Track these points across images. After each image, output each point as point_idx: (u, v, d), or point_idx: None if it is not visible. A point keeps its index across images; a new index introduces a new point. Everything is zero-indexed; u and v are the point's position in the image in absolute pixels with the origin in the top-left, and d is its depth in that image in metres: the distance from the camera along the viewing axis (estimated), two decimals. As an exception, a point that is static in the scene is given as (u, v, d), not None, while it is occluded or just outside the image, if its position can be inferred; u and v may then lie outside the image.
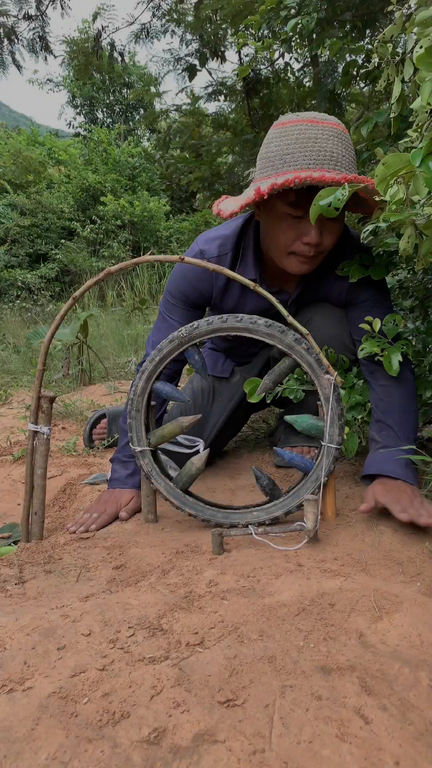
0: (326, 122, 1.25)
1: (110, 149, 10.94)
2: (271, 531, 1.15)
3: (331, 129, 1.24)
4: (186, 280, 1.51)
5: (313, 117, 1.27)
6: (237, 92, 5.71)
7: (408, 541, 1.08)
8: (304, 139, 1.23)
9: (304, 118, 1.27)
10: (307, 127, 1.24)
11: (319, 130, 1.23)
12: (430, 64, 0.96)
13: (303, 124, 1.25)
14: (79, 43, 6.21)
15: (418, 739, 0.59)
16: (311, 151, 1.22)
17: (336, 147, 1.23)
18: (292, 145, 1.24)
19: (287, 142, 1.25)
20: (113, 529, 1.29)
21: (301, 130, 1.24)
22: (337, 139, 1.24)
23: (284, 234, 1.32)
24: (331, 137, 1.23)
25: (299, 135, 1.24)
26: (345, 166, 1.23)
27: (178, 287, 1.52)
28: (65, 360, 3.41)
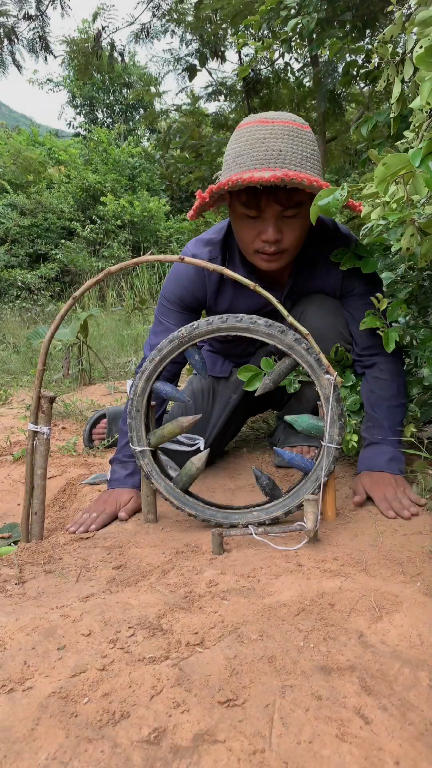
0: (278, 121, 1.27)
1: (110, 149, 10.94)
2: (271, 531, 1.15)
3: (283, 127, 1.26)
4: (181, 283, 1.54)
5: (265, 117, 1.29)
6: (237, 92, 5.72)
7: (408, 541, 1.08)
8: (252, 140, 1.25)
9: (259, 118, 1.29)
10: (257, 128, 1.27)
11: (268, 130, 1.25)
12: (430, 64, 0.96)
13: (255, 125, 1.27)
14: (79, 43, 6.21)
15: (418, 739, 0.59)
16: (257, 151, 1.24)
17: (285, 144, 1.24)
18: (243, 147, 1.27)
19: (240, 144, 1.28)
20: (113, 529, 1.29)
21: (252, 131, 1.27)
22: (288, 136, 1.25)
23: (245, 233, 1.36)
24: (280, 135, 1.24)
25: (249, 136, 1.26)
26: (294, 163, 1.24)
27: (173, 291, 1.55)
28: (65, 360, 3.41)
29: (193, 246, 1.54)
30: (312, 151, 1.28)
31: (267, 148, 1.24)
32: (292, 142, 1.25)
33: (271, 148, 1.24)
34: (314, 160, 1.29)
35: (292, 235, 1.34)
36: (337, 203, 1.04)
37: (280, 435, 1.80)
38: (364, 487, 1.32)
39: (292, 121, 1.27)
